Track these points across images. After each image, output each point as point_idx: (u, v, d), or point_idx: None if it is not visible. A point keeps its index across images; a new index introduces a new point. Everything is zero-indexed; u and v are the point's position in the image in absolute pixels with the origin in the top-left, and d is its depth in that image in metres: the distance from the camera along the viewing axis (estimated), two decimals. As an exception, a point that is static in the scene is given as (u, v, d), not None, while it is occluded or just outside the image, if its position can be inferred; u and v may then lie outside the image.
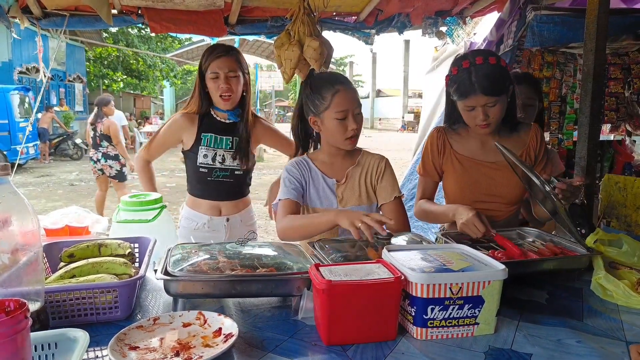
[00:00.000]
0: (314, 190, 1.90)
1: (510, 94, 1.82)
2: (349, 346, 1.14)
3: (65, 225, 2.08)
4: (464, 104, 1.80)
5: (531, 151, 1.92)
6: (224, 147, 2.30)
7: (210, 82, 2.22)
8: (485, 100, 1.74)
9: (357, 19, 3.93)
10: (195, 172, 2.32)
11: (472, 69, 1.74)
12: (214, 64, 2.19)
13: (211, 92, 2.25)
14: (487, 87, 1.71)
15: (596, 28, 2.12)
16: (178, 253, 1.43)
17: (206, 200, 2.36)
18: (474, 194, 1.91)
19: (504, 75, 1.76)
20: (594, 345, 1.15)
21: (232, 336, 1.10)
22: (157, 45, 23.86)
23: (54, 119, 15.16)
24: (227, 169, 2.31)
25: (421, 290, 1.16)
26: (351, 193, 1.89)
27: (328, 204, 1.88)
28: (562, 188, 1.64)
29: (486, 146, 1.93)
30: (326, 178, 1.90)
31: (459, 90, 1.78)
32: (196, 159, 2.29)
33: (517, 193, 1.92)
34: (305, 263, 1.39)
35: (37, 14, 3.37)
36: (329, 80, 1.82)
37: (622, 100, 4.45)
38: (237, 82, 2.24)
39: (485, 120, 1.77)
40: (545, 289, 1.53)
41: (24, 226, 1.07)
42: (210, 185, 2.33)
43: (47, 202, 8.63)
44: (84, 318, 1.24)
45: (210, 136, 2.29)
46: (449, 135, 1.97)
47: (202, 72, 2.24)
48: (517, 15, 3.55)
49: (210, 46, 2.28)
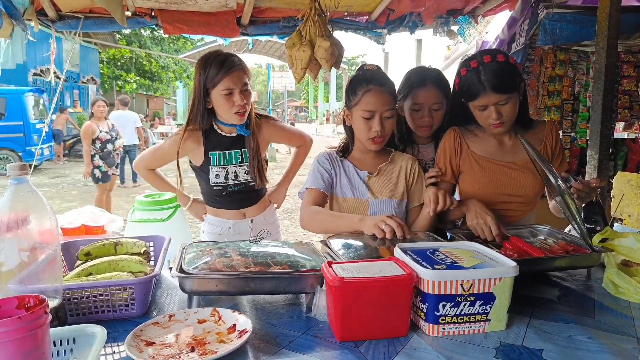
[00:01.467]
0: (346, 181, 1.92)
1: (522, 91, 1.82)
2: (361, 342, 1.15)
3: (82, 224, 2.12)
4: (475, 104, 1.79)
5: (548, 148, 1.91)
6: (234, 163, 2.20)
7: (222, 98, 2.03)
8: (496, 99, 1.73)
9: (369, 19, 3.94)
10: (209, 189, 2.25)
11: (481, 68, 1.74)
12: (227, 80, 2.01)
13: (221, 108, 2.08)
14: (497, 85, 1.71)
15: (608, 26, 2.11)
16: (192, 251, 1.45)
17: (228, 210, 2.31)
18: (492, 195, 1.89)
19: (513, 72, 1.75)
20: (605, 342, 1.15)
21: (246, 332, 1.12)
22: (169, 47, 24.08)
23: (68, 120, 15.37)
24: (240, 183, 2.24)
25: (432, 287, 1.17)
26: (384, 186, 1.92)
27: (360, 194, 1.91)
28: (579, 188, 1.64)
29: (503, 146, 1.92)
30: (358, 170, 1.93)
31: (470, 91, 1.77)
32: (208, 178, 2.20)
33: (535, 192, 1.92)
34: (318, 261, 1.41)
35: (52, 16, 3.43)
36: (365, 77, 1.84)
37: (635, 98, 4.40)
38: (249, 96, 2.10)
39: (499, 118, 1.76)
40: (557, 286, 1.53)
41: (43, 225, 1.10)
42: (227, 198, 2.27)
43: (62, 202, 8.75)
44: (101, 315, 1.27)
45: (218, 154, 2.18)
46: (465, 136, 1.95)
47: (205, 87, 2.04)
48: (529, 13, 3.53)
49: (210, 57, 2.04)
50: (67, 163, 14.78)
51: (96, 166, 6.84)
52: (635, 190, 2.23)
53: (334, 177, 1.93)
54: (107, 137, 6.97)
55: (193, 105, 2.11)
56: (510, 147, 1.92)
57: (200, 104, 2.08)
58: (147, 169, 2.32)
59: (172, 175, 2.35)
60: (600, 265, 1.60)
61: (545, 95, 4.32)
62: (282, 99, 47.15)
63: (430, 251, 1.35)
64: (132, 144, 9.46)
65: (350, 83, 1.88)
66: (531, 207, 1.97)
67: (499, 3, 3.84)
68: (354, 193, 1.91)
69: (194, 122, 2.12)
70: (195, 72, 2.08)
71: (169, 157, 2.24)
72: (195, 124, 2.12)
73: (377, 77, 1.83)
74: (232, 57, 2.06)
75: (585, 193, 1.65)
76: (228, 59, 2.04)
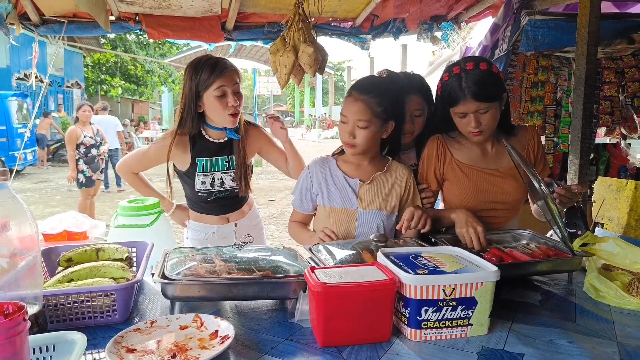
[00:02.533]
0: (335, 190, 1.89)
1: (504, 101, 1.81)
2: (344, 347, 1.15)
3: (64, 230, 2.09)
4: (455, 111, 1.79)
5: (530, 153, 1.93)
6: (220, 169, 2.18)
7: (215, 100, 2.01)
8: (476, 107, 1.73)
9: (353, 25, 3.96)
10: (194, 195, 2.23)
11: (463, 75, 1.73)
12: (221, 80, 1.99)
13: (214, 111, 2.05)
14: (477, 93, 1.70)
15: (587, 33, 2.15)
16: (175, 257, 1.44)
17: (211, 215, 2.30)
18: (477, 202, 1.89)
19: (495, 82, 1.75)
20: (586, 346, 1.16)
21: (228, 338, 1.12)
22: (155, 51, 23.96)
23: (52, 124, 15.19)
24: (226, 190, 2.21)
25: (415, 291, 1.18)
26: (374, 196, 1.88)
27: (349, 203, 1.88)
28: (561, 193, 1.66)
29: (486, 153, 1.92)
30: (348, 178, 1.90)
31: (451, 97, 1.77)
32: (193, 184, 2.17)
33: (518, 199, 1.93)
34: (302, 266, 1.41)
35: (35, 20, 3.39)
36: (356, 84, 1.84)
37: (616, 103, 4.48)
38: (241, 98, 2.09)
39: (478, 127, 1.75)
40: (539, 290, 1.55)
41: (23, 231, 1.09)
42: (212, 204, 2.25)
43: (45, 207, 8.63)
44: (82, 321, 1.25)
45: (205, 161, 2.15)
46: (448, 144, 1.94)
47: (197, 90, 2.02)
48: (512, 20, 3.57)
49: (201, 61, 2.04)
50: (51, 168, 14.59)
51: (80, 171, 6.79)
52: (615, 195, 2.27)
53: (322, 188, 1.91)
54: (91, 142, 6.93)
55: (183, 110, 2.08)
56: (493, 155, 1.92)
57: (191, 108, 2.05)
58: (130, 172, 2.30)
59: (156, 180, 2.33)
60: (581, 270, 1.62)
61: (527, 100, 4.38)
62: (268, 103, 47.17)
63: (412, 256, 1.36)
64: (114, 148, 9.45)
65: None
66: (515, 213, 1.98)
67: (481, 10, 3.88)
68: (343, 203, 1.88)
69: (183, 127, 2.09)
70: (186, 76, 2.06)
71: (155, 162, 2.22)
72: (184, 129, 2.09)
73: (359, 85, 1.83)
74: (223, 60, 2.07)
75: (567, 198, 1.67)
76: (220, 61, 2.05)
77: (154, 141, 2.28)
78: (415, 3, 3.69)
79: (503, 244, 1.72)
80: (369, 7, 3.53)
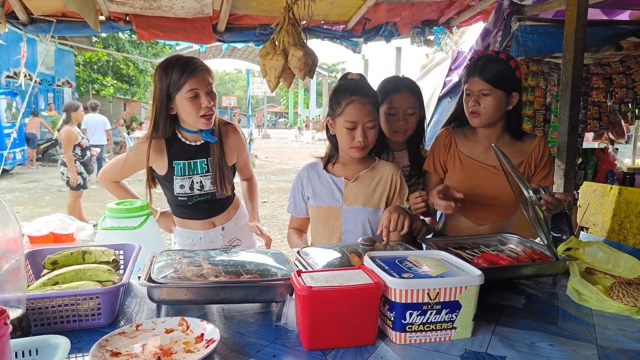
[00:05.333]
0: (323, 190, 1.97)
1: (513, 100, 1.90)
2: (329, 351, 1.16)
3: (50, 232, 2.07)
4: (465, 89, 1.92)
5: (532, 161, 1.97)
6: (199, 172, 2.14)
7: (187, 102, 1.96)
8: (481, 86, 1.84)
9: (345, 28, 3.97)
10: (174, 199, 2.19)
11: (483, 58, 1.88)
12: (193, 82, 1.94)
13: (187, 113, 2.00)
14: (485, 73, 1.83)
15: (574, 40, 2.18)
16: (162, 260, 1.44)
17: (196, 221, 2.26)
18: (473, 196, 1.94)
19: (507, 72, 1.87)
20: (566, 349, 1.18)
21: (213, 341, 1.12)
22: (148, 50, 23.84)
23: (42, 124, 15.06)
24: (207, 193, 2.18)
25: (400, 295, 1.19)
26: (359, 193, 1.94)
27: (334, 202, 1.95)
28: (548, 200, 1.69)
29: (489, 150, 1.98)
30: (334, 178, 1.97)
31: (466, 74, 1.91)
32: (172, 188, 2.14)
33: (514, 198, 1.95)
34: (290, 269, 1.41)
35: (23, 19, 3.37)
36: (348, 88, 1.87)
37: (604, 109, 4.53)
38: (215, 97, 2.04)
39: (475, 106, 1.86)
40: (523, 293, 1.57)
41: (6, 233, 1.08)
42: (193, 208, 2.21)
43: (35, 208, 8.56)
44: (67, 325, 1.25)
45: (183, 164, 2.11)
46: (456, 135, 2.05)
47: (168, 92, 1.97)
48: (502, 25, 3.61)
49: (171, 61, 1.99)
50: (41, 168, 14.46)
51: (78, 173, 6.71)
52: (600, 200, 2.30)
53: (311, 189, 1.98)
54: (87, 144, 6.87)
55: (156, 113, 2.03)
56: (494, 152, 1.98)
57: (163, 111, 2.01)
58: (111, 181, 2.25)
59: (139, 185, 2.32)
60: (566, 273, 1.64)
61: (517, 105, 4.41)
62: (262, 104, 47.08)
63: (399, 260, 1.37)
64: (101, 144, 9.96)
65: (334, 93, 1.90)
66: (510, 213, 2.02)
67: (472, 15, 3.91)
68: (329, 201, 1.95)
69: (156, 130, 2.05)
70: (156, 78, 2.00)
71: (135, 168, 2.18)
72: (158, 132, 2.05)
73: (360, 88, 1.86)
74: (194, 59, 2.00)
75: (553, 205, 1.71)
76: (191, 61, 1.98)
77: (131, 148, 2.24)
78: (407, 7, 3.72)
79: (490, 247, 1.74)
80: (360, 10, 3.54)
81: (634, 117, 4.81)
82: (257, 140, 23.60)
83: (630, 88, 4.51)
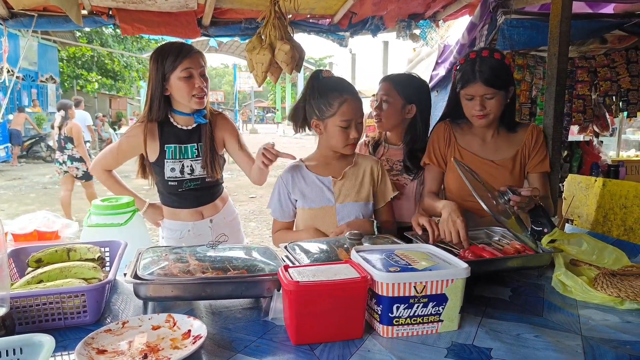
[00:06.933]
0: (310, 192, 1.97)
1: (510, 95, 1.93)
2: (317, 345, 1.16)
3: (34, 230, 2.04)
4: (464, 93, 1.91)
5: (526, 149, 2.01)
6: (190, 157, 2.19)
7: (181, 82, 2.04)
8: (484, 91, 1.85)
9: (331, 22, 3.96)
10: (164, 185, 2.22)
11: (478, 60, 1.87)
12: (187, 62, 2.04)
13: (180, 94, 2.08)
14: (487, 78, 1.84)
15: (559, 33, 2.19)
16: (149, 256, 1.43)
17: (185, 210, 2.28)
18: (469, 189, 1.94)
19: (506, 72, 1.89)
20: (550, 339, 1.19)
21: (200, 337, 1.11)
22: (133, 45, 23.53)
23: (26, 120, 14.84)
24: (197, 178, 2.22)
25: (387, 289, 1.19)
26: (349, 190, 1.96)
27: (326, 201, 1.95)
28: (517, 200, 1.70)
29: (486, 143, 2.03)
30: (320, 178, 1.98)
31: (462, 78, 1.90)
32: (163, 172, 2.17)
33: None
34: (277, 264, 1.41)
35: (3, 14, 3.30)
36: (337, 87, 1.88)
37: (589, 102, 4.57)
38: (207, 81, 2.13)
39: (482, 110, 1.88)
40: (509, 285, 1.58)
41: (-12, 231, 1.07)
42: (184, 195, 2.24)
43: (20, 205, 8.45)
44: (52, 323, 1.24)
45: (174, 147, 2.16)
46: (454, 129, 2.08)
47: (164, 73, 2.05)
48: (488, 19, 3.62)
49: (166, 46, 2.09)
50: (25, 165, 14.25)
51: None
52: (584, 192, 2.32)
53: (299, 193, 1.98)
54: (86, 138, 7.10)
55: (150, 95, 2.12)
56: (491, 146, 2.03)
57: (158, 90, 2.08)
58: (104, 170, 2.28)
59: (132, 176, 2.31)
60: (551, 265, 1.66)
61: (503, 98, 4.43)
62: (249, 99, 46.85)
63: (386, 254, 1.38)
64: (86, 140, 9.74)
65: (320, 94, 1.89)
66: None
67: (458, 8, 3.92)
68: (321, 201, 1.95)
69: (151, 113, 2.12)
70: (151, 62, 2.09)
71: (130, 154, 2.24)
72: (152, 114, 2.12)
73: (347, 86, 1.91)
74: (189, 44, 2.13)
75: (524, 203, 1.72)
76: (185, 45, 2.11)
77: (124, 134, 2.28)
78: (394, 1, 3.70)
79: (477, 240, 1.75)
80: (347, 4, 3.53)
81: (618, 109, 4.85)
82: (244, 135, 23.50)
83: (615, 81, 4.55)
